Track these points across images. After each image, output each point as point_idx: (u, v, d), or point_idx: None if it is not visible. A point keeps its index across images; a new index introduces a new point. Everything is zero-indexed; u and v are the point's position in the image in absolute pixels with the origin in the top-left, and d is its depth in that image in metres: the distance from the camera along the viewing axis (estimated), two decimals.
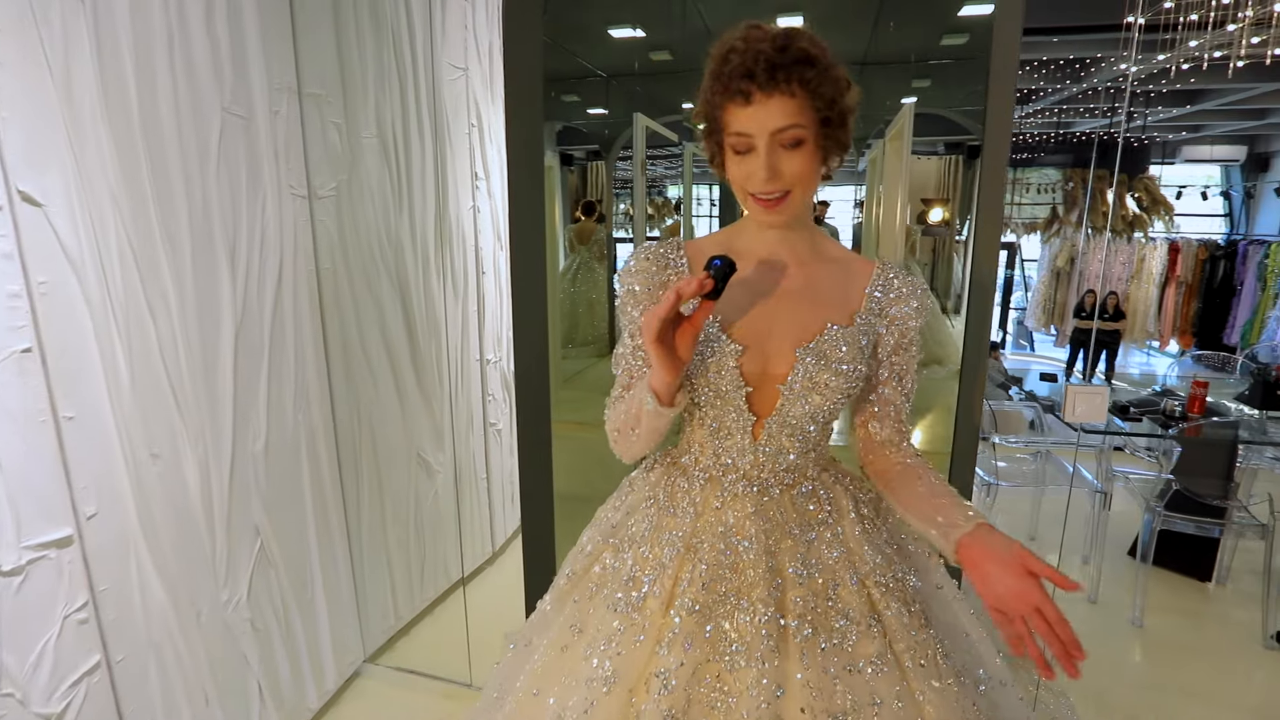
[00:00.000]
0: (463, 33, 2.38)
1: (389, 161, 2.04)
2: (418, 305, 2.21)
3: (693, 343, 0.79)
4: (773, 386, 0.87)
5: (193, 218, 1.41)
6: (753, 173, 0.79)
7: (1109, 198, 6.68)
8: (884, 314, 0.90)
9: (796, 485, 0.91)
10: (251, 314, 1.58)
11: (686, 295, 0.73)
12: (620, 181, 3.67)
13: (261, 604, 1.65)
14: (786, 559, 0.86)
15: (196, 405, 1.44)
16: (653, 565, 0.88)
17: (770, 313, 0.87)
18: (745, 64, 0.75)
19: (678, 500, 0.92)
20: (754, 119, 0.77)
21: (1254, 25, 2.17)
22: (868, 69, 3.26)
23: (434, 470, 2.36)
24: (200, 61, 1.40)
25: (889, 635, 0.83)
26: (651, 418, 0.83)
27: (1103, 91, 5.05)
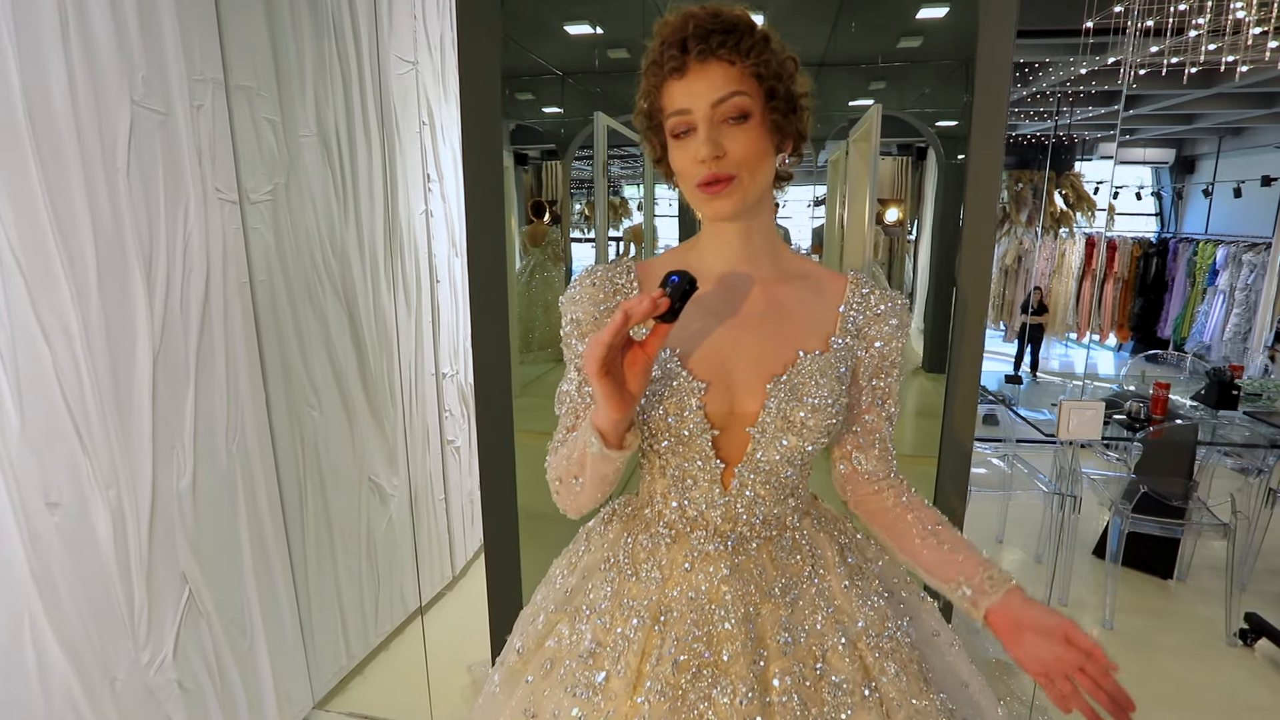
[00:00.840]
0: (412, 23, 2.21)
1: (331, 162, 1.87)
2: (366, 318, 2.04)
3: (645, 374, 0.66)
4: (741, 428, 0.76)
5: (98, 227, 1.23)
6: (694, 153, 0.70)
7: (1056, 197, 6.92)
8: (861, 335, 0.81)
9: (776, 538, 0.80)
10: (173, 335, 1.40)
11: (637, 317, 0.61)
12: (576, 181, 3.55)
13: (191, 661, 1.47)
14: (769, 626, 0.75)
15: (107, 443, 1.25)
16: (615, 640, 0.76)
17: (734, 342, 0.77)
18: (677, 33, 0.69)
19: (640, 562, 0.80)
20: (690, 90, 0.69)
21: (1210, 33, 2.20)
22: (825, 70, 3.23)
23: (387, 494, 2.19)
24: (103, 48, 1.22)
25: (886, 705, 0.74)
26: (597, 462, 0.72)
27: (1051, 95, 5.18)
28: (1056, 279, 7.95)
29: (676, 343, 0.76)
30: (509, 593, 1.74)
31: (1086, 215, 7.59)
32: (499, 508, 1.70)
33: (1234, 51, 2.21)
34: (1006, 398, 3.37)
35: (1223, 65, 2.25)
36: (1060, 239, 7.72)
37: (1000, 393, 3.60)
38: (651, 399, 0.75)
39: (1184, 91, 5.29)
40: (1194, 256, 7.49)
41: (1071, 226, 7.60)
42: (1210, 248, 7.33)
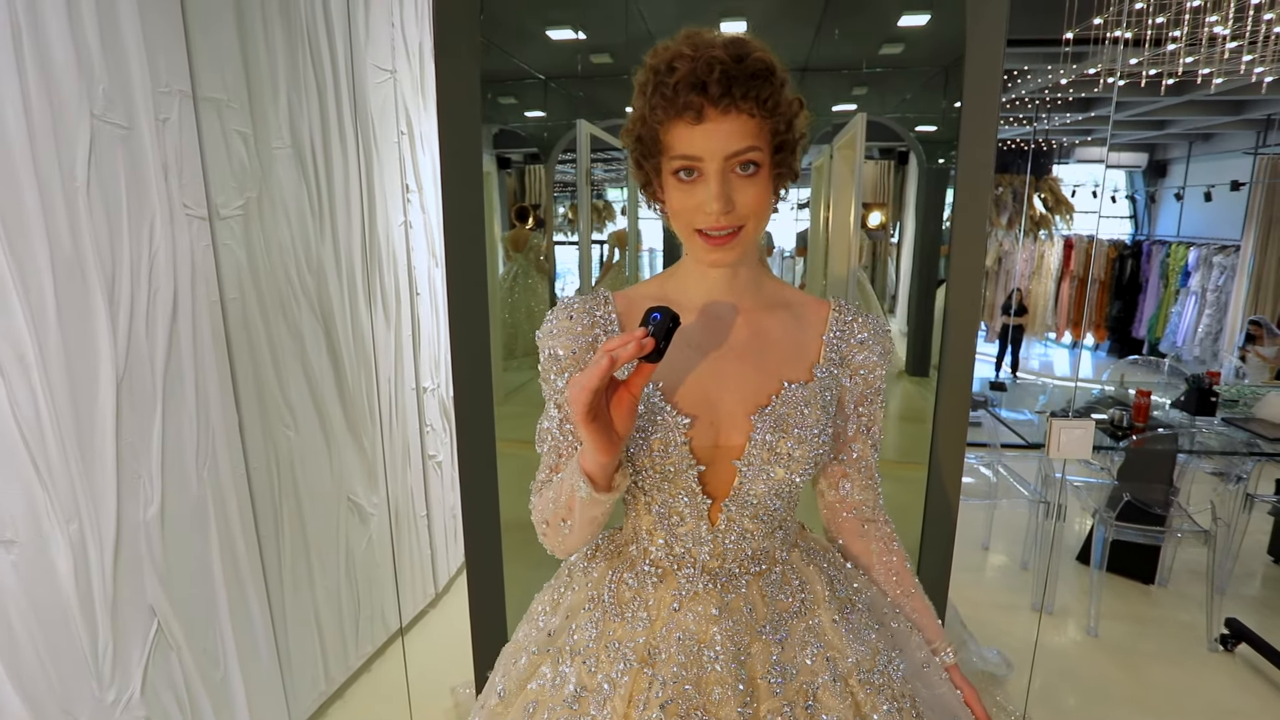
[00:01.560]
0: (389, 31, 2.16)
1: (307, 175, 1.82)
2: (344, 334, 1.99)
3: (631, 414, 0.64)
4: (727, 462, 0.74)
5: (56, 248, 1.17)
6: (702, 203, 0.67)
7: (1036, 201, 7.03)
8: (846, 363, 0.80)
9: (765, 573, 0.78)
10: (139, 358, 1.34)
11: (623, 360, 0.58)
12: (560, 185, 3.52)
13: (161, 696, 1.41)
14: (759, 665, 0.74)
15: (67, 474, 1.19)
16: (600, 684, 0.73)
17: (718, 374, 0.75)
18: (696, 74, 0.63)
19: (626, 602, 0.77)
20: (706, 140, 0.65)
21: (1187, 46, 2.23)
22: (809, 74, 3.23)
23: (367, 513, 2.13)
24: (60, 60, 1.16)
25: None
26: (586, 506, 0.69)
27: (1030, 101, 5.24)
28: (1036, 280, 8.07)
29: (659, 376, 0.74)
30: (492, 610, 1.70)
31: (1065, 218, 7.72)
32: (481, 522, 1.66)
33: (1209, 64, 2.24)
34: (988, 399, 3.40)
35: (1199, 77, 2.29)
36: (1040, 241, 7.85)
37: (981, 394, 3.63)
38: (635, 435, 0.72)
39: (1157, 99, 5.39)
40: (1166, 259, 7.64)
41: (1051, 229, 7.73)
42: (1182, 250, 7.47)
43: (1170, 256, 7.59)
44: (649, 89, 0.67)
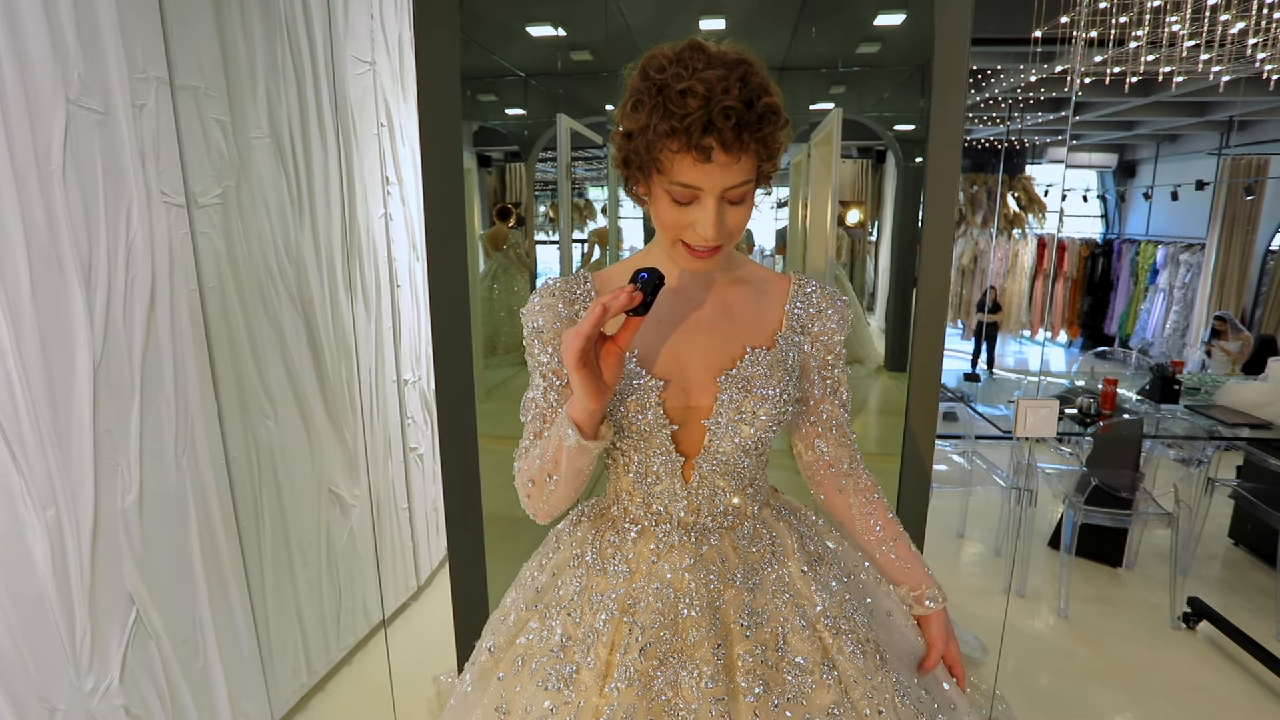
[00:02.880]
0: (369, 22, 2.16)
1: (286, 165, 1.81)
2: (324, 325, 1.98)
3: (619, 365, 0.70)
4: (697, 422, 0.80)
5: (31, 232, 1.16)
6: (695, 225, 0.71)
7: (1009, 200, 7.16)
8: (806, 330, 0.86)
9: (737, 527, 0.84)
10: (116, 345, 1.33)
11: (615, 310, 0.64)
12: (541, 183, 3.53)
13: (140, 685, 1.40)
14: (731, 611, 0.79)
15: (43, 460, 1.19)
16: (585, 633, 0.79)
17: (687, 343, 0.81)
18: (710, 118, 0.65)
19: (608, 557, 0.83)
20: (708, 176, 0.68)
21: (1149, 45, 2.31)
22: (787, 73, 3.28)
23: (348, 505, 2.13)
24: (34, 46, 1.15)
25: (844, 683, 0.78)
26: (574, 455, 0.74)
27: (1002, 100, 5.35)
28: (1010, 278, 8.22)
29: (635, 345, 0.79)
30: (475, 601, 1.72)
31: (1038, 217, 7.88)
32: (463, 515, 1.67)
33: (1170, 63, 2.32)
34: (966, 395, 3.47)
35: (1160, 75, 2.37)
36: (1014, 240, 7.99)
37: (959, 390, 3.71)
38: (615, 400, 0.78)
39: (1125, 99, 5.53)
40: (1136, 257, 7.83)
41: (1024, 228, 7.88)
42: (1151, 248, 7.66)
43: (1140, 255, 7.77)
44: (654, 111, 0.66)
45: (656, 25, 2.95)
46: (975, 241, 7.84)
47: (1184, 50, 2.25)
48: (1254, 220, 6.60)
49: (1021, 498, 2.53)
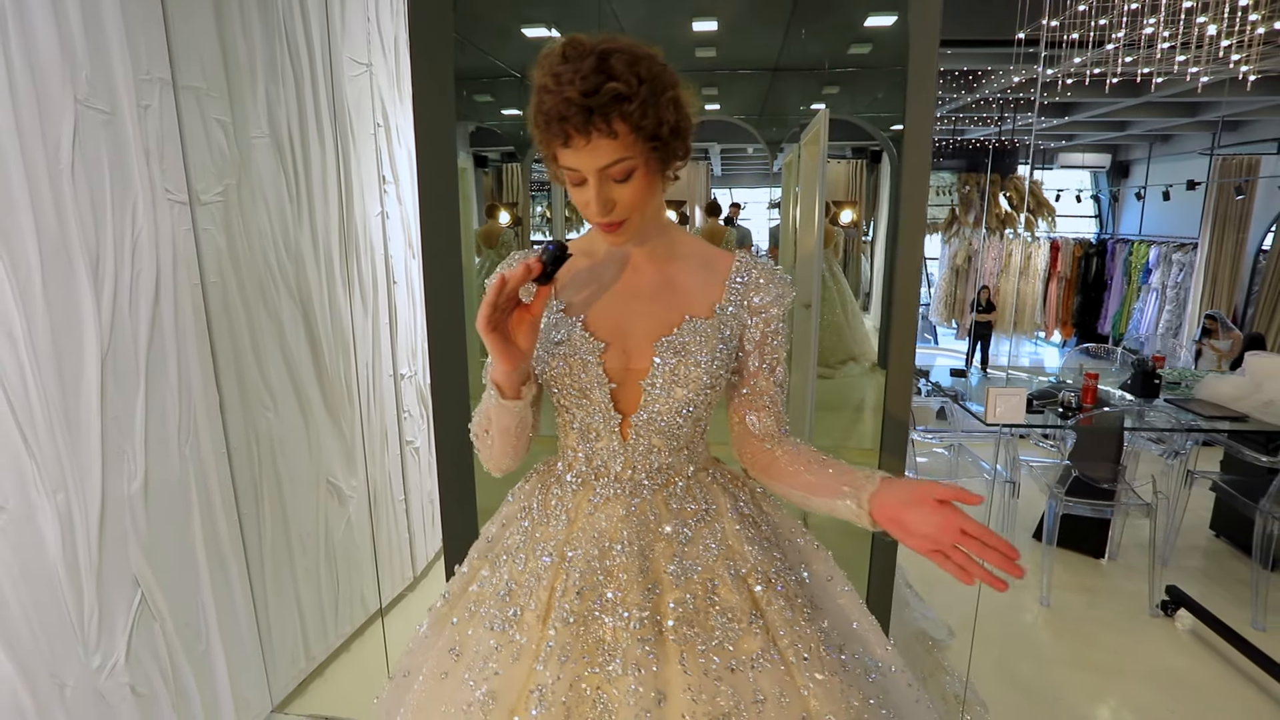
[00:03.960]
0: (365, 25, 2.22)
1: (285, 164, 1.87)
2: (322, 319, 2.04)
3: (531, 331, 0.79)
4: (635, 383, 0.86)
5: (42, 227, 1.21)
6: (587, 203, 0.78)
7: (1001, 200, 7.21)
8: (746, 303, 0.90)
9: (670, 485, 0.89)
10: (123, 337, 1.39)
11: (512, 283, 0.73)
12: (537, 183, 3.57)
13: (145, 664, 1.45)
14: (662, 560, 0.84)
15: (54, 446, 1.24)
16: (528, 578, 0.86)
17: (629, 310, 0.87)
18: (558, 108, 0.71)
19: (551, 509, 0.90)
20: (578, 159, 0.75)
21: (1126, 46, 2.36)
22: (780, 74, 3.33)
23: (345, 495, 2.18)
24: (44, 48, 1.21)
25: (771, 631, 0.82)
26: (498, 414, 0.83)
27: (993, 101, 5.41)
28: (1005, 278, 8.26)
29: (580, 310, 0.87)
30: None
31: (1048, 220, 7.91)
32: (458, 509, 1.72)
33: (1148, 64, 2.38)
34: (959, 393, 3.53)
35: (1138, 76, 2.43)
36: (1007, 240, 8.03)
37: (953, 388, 3.76)
38: (560, 359, 0.85)
39: (1114, 100, 5.59)
40: (1129, 256, 7.87)
41: (1016, 228, 7.92)
42: (1144, 248, 7.71)
43: (1133, 254, 7.82)
44: (535, 109, 0.74)
45: (649, 26, 3.00)
46: (969, 241, 7.89)
47: (1160, 52, 2.31)
48: (1245, 220, 6.65)
49: (1005, 489, 2.59)
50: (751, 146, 5.83)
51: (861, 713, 0.80)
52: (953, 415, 3.26)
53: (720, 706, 0.76)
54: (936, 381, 3.86)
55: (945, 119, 6.70)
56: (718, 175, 6.48)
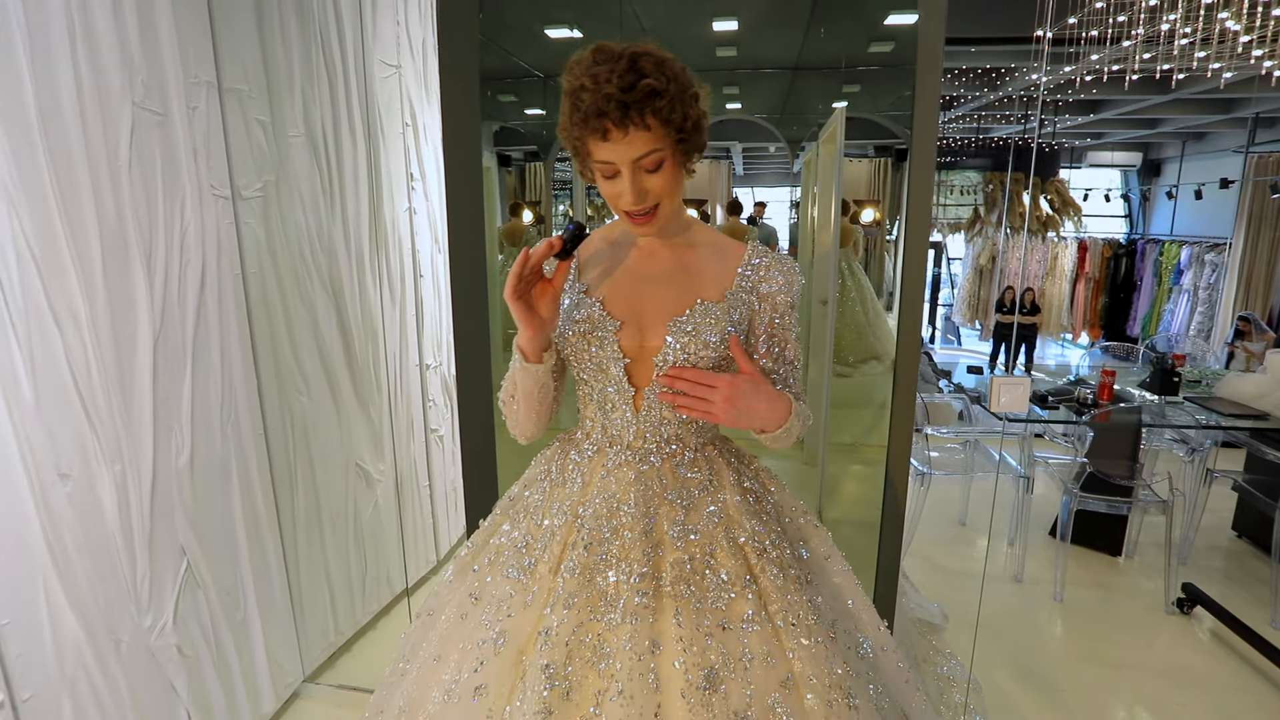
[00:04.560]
0: (395, 29, 2.31)
1: (319, 161, 1.97)
2: (353, 310, 2.14)
3: (553, 302, 0.90)
4: (649, 359, 0.93)
5: (103, 219, 1.32)
6: (621, 193, 0.87)
7: (1024, 199, 7.12)
8: (755, 290, 0.97)
9: (677, 455, 0.97)
10: (172, 321, 1.49)
11: (535, 257, 0.86)
12: (559, 183, 3.65)
13: (189, 628, 1.56)
14: (665, 524, 0.91)
15: (112, 420, 1.34)
16: (544, 533, 0.94)
17: (646, 292, 0.95)
18: (597, 104, 0.80)
19: (568, 472, 0.98)
20: (614, 151, 0.83)
21: (1145, 42, 2.36)
22: (800, 74, 3.36)
23: (374, 479, 2.28)
24: (106, 54, 1.31)
25: (763, 597, 0.89)
26: (522, 378, 0.94)
27: (1017, 99, 5.37)
28: (1050, 281, 8.11)
29: (600, 292, 0.95)
30: None
31: (1074, 220, 7.80)
32: (481, 493, 1.80)
33: (1167, 60, 2.38)
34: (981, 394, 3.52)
35: (1158, 72, 2.42)
36: (1053, 243, 7.89)
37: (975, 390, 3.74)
38: (580, 335, 0.94)
39: (1139, 97, 5.50)
40: (1160, 257, 7.71)
41: (1059, 230, 7.79)
42: (1175, 248, 7.55)
43: (1164, 255, 7.66)
44: (570, 109, 0.83)
45: (670, 26, 3.06)
46: (992, 241, 7.81)
47: (1178, 49, 2.31)
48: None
49: (1019, 483, 2.60)
50: (773, 145, 5.85)
51: (844, 680, 0.85)
52: (973, 415, 3.26)
53: (710, 660, 0.83)
54: (959, 383, 3.85)
55: (968, 117, 6.65)
56: (739, 174, 6.51)
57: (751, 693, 0.82)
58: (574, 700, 0.82)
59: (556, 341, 0.95)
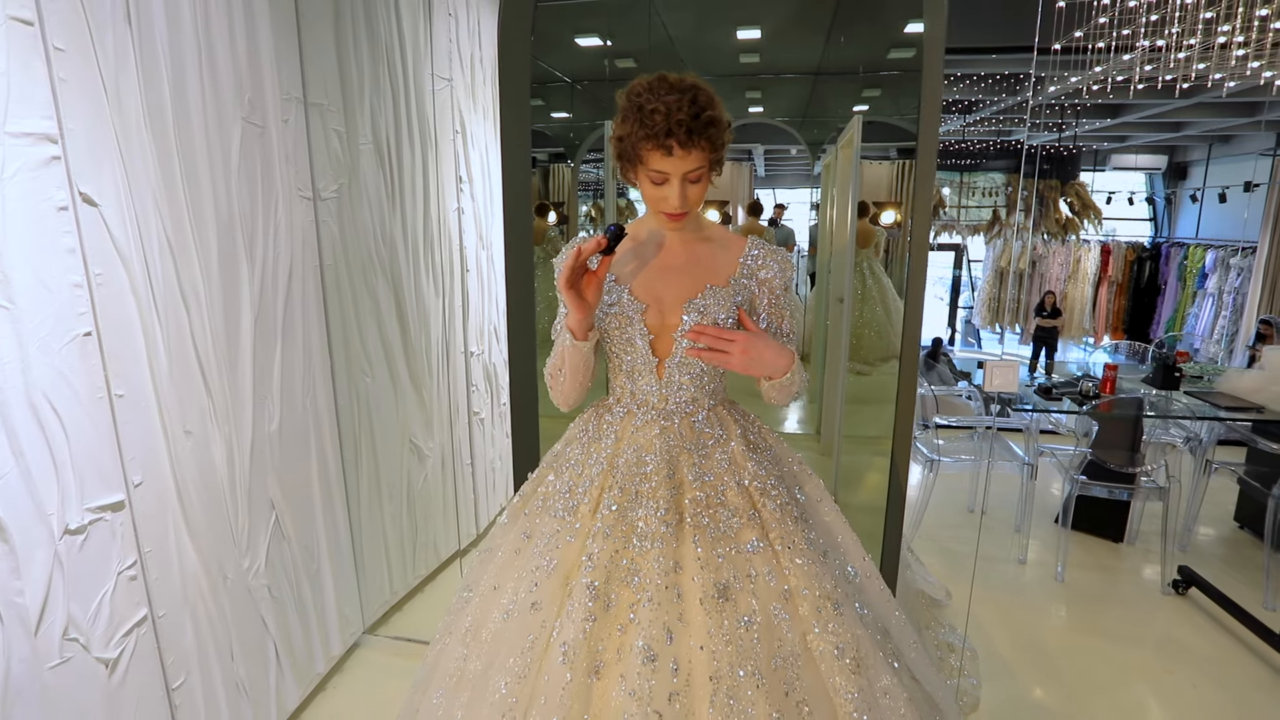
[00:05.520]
0: (448, 46, 2.54)
1: (383, 166, 2.20)
2: (409, 300, 2.37)
3: (598, 288, 1.06)
4: (669, 335, 1.13)
5: (218, 218, 1.55)
6: (667, 198, 1.06)
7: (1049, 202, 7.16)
8: (754, 276, 1.16)
9: (693, 414, 1.16)
10: (267, 306, 1.72)
11: (586, 252, 1.02)
12: (582, 184, 3.85)
13: (277, 573, 1.79)
14: (685, 469, 1.11)
15: (222, 387, 1.58)
16: (585, 480, 1.13)
17: (664, 280, 1.14)
18: (669, 125, 0.98)
19: (604, 430, 1.18)
20: (672, 165, 1.02)
21: (1152, 50, 2.50)
22: (821, 79, 3.52)
23: (424, 455, 2.51)
24: (224, 77, 1.54)
25: (765, 527, 1.09)
26: (571, 353, 1.11)
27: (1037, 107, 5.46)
28: (1072, 284, 8.12)
29: (627, 280, 1.14)
30: None
31: (1094, 223, 7.82)
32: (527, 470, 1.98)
33: (1169, 70, 2.51)
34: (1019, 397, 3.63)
35: (1160, 82, 2.55)
36: (1074, 245, 7.91)
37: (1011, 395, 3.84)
38: (612, 317, 1.13)
39: (1163, 101, 5.57)
40: (1184, 261, 7.70)
41: (1079, 233, 7.82)
42: (1200, 252, 7.53)
43: (1188, 259, 7.65)
44: (632, 120, 1.01)
45: (696, 35, 3.24)
46: (1009, 244, 7.84)
47: (1171, 59, 2.44)
48: None
49: (1024, 470, 2.75)
50: (794, 148, 6.00)
51: (833, 593, 1.05)
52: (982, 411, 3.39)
53: (722, 577, 1.03)
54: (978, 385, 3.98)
55: (988, 120, 6.74)
56: (761, 176, 6.67)
57: (756, 603, 1.02)
58: (612, 612, 1.02)
59: (595, 322, 1.14)
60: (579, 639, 0.98)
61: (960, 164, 8.07)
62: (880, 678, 1.02)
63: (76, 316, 1.22)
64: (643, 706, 0.93)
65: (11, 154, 1.11)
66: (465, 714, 1.03)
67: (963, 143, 7.57)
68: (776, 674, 0.97)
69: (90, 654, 1.26)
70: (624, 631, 1.00)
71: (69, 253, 1.21)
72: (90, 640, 1.26)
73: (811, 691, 0.98)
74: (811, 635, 1.01)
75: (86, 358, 1.24)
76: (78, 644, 1.24)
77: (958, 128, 7.32)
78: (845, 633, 1.01)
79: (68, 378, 1.21)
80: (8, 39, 1.09)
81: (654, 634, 0.98)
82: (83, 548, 1.24)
